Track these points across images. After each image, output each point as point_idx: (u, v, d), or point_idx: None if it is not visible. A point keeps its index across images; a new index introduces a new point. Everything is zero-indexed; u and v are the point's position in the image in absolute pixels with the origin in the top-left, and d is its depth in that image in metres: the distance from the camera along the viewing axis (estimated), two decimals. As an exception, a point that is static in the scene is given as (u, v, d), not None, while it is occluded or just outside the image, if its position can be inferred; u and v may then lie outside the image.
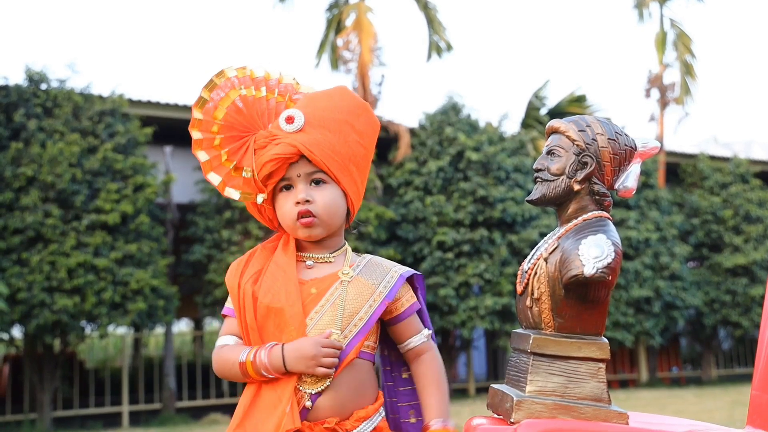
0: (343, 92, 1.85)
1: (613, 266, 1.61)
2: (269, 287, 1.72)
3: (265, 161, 1.73)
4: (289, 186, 1.77)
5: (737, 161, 14.91)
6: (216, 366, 1.76)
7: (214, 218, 10.82)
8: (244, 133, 1.77)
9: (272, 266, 1.76)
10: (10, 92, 9.83)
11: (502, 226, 11.93)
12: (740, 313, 13.69)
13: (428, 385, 1.80)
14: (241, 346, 1.73)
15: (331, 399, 1.69)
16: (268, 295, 1.71)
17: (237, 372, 1.71)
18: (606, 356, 1.69)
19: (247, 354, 1.69)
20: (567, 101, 14.40)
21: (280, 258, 1.77)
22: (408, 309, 1.81)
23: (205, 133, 1.78)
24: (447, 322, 11.52)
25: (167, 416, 10.41)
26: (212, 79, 1.78)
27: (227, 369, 1.73)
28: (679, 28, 15.12)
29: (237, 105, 1.76)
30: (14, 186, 9.34)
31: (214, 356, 1.77)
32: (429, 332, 1.85)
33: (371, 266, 1.81)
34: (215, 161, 1.79)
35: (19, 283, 8.99)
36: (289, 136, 1.74)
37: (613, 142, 1.76)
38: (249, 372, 1.69)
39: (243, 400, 1.73)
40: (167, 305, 10.03)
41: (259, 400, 1.70)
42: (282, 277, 1.73)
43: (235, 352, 1.72)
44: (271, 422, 1.65)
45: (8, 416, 10.38)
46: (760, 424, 1.85)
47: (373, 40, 12.51)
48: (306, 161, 1.75)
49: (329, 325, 1.71)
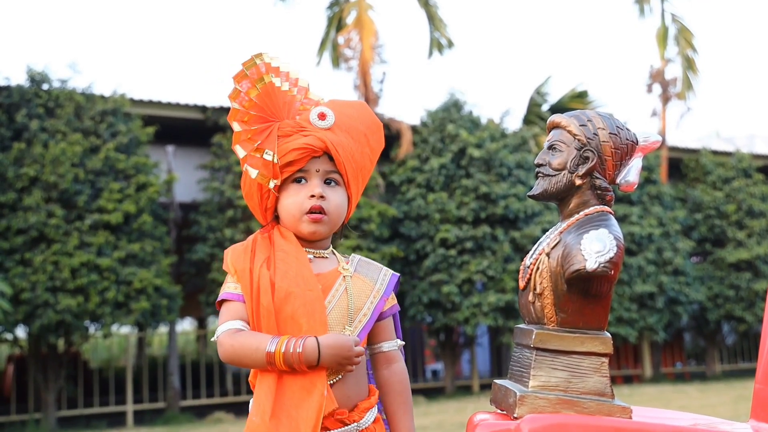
0: (364, 107, 1.92)
1: (615, 260, 1.61)
2: (285, 273, 1.70)
3: (293, 149, 1.75)
4: (302, 179, 1.79)
5: (740, 156, 14.88)
6: (228, 351, 1.66)
7: (216, 217, 10.83)
8: (270, 117, 1.78)
9: (280, 254, 1.74)
10: (12, 93, 9.84)
11: (505, 223, 11.93)
12: (744, 308, 13.67)
13: (401, 404, 1.81)
14: (262, 334, 1.66)
15: (340, 391, 1.71)
16: (285, 280, 1.68)
17: (259, 359, 1.63)
18: (609, 351, 1.69)
19: (278, 344, 1.62)
20: (569, 97, 14.38)
21: (286, 246, 1.76)
22: (389, 309, 1.84)
23: (241, 123, 1.78)
24: (450, 319, 11.53)
25: (171, 415, 10.43)
26: (243, 68, 1.79)
27: (245, 355, 1.64)
28: (680, 23, 15.09)
29: (267, 89, 1.78)
30: (17, 186, 9.35)
31: (224, 340, 1.67)
32: (401, 343, 1.87)
33: (364, 264, 1.84)
34: (243, 135, 1.78)
35: (23, 284, 9.00)
36: (320, 132, 1.78)
37: (615, 137, 1.76)
38: (276, 362, 1.61)
39: (264, 390, 1.64)
40: (171, 304, 10.04)
41: (286, 389, 1.64)
42: (295, 264, 1.72)
43: (259, 339, 1.64)
44: (309, 407, 1.62)
45: (13, 416, 10.40)
46: (763, 417, 1.85)
47: (374, 37, 12.50)
48: (327, 159, 1.79)
49: (341, 319, 1.72)
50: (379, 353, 1.83)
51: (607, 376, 1.68)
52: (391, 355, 1.83)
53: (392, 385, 1.81)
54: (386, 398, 1.81)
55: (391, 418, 1.81)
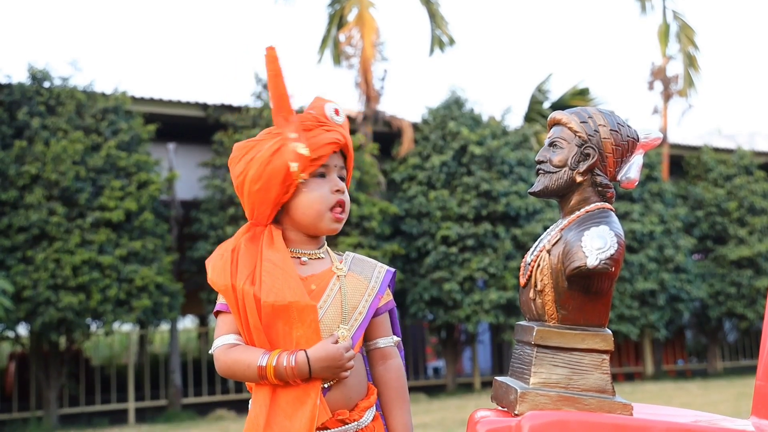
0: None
1: (616, 257, 1.61)
2: (271, 286, 1.65)
3: (326, 143, 1.75)
4: (323, 174, 1.78)
5: (741, 153, 14.87)
6: (223, 367, 1.68)
7: (218, 215, 10.82)
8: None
9: (267, 265, 1.68)
10: (13, 90, 9.84)
11: (506, 220, 11.93)
12: (745, 305, 13.66)
13: (396, 400, 1.80)
14: (254, 349, 1.66)
15: (339, 393, 1.71)
16: (271, 294, 1.64)
17: (251, 375, 1.64)
18: (610, 347, 1.69)
19: (268, 359, 1.62)
20: (570, 94, 14.38)
21: (272, 255, 1.71)
22: (385, 305, 1.83)
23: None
24: (452, 317, 11.53)
25: (173, 413, 10.44)
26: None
27: (238, 371, 1.65)
28: (681, 20, 15.07)
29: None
30: (18, 184, 9.35)
31: (219, 356, 1.68)
32: (397, 339, 1.86)
33: (357, 262, 1.83)
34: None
35: (25, 281, 9.01)
36: (339, 128, 1.78)
37: (616, 134, 1.76)
38: (268, 376, 1.62)
39: (259, 402, 1.65)
40: (172, 302, 10.05)
41: (279, 400, 1.65)
42: (281, 275, 1.67)
43: (250, 355, 1.64)
44: (301, 417, 1.61)
45: (15, 414, 10.41)
46: (765, 414, 1.85)
47: (375, 35, 12.49)
48: (340, 155, 1.81)
49: (335, 319, 1.71)
50: (375, 349, 1.82)
51: (608, 373, 1.68)
52: (386, 351, 1.82)
53: (388, 381, 1.80)
54: (382, 394, 1.81)
55: (387, 414, 1.80)
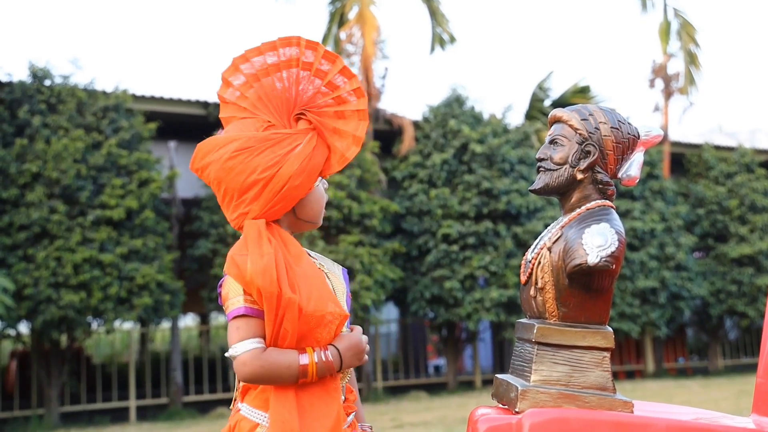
0: None
1: (616, 255, 1.60)
2: (309, 295, 1.64)
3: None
4: None
5: (742, 151, 14.85)
6: (258, 370, 1.62)
7: (218, 213, 10.82)
8: None
9: (299, 271, 1.67)
10: (14, 89, 9.84)
11: (507, 218, 11.92)
12: (746, 303, 13.65)
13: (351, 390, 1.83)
14: (286, 350, 1.64)
15: (347, 387, 1.78)
16: (311, 303, 1.63)
17: (290, 375, 1.62)
18: (610, 345, 1.69)
19: (308, 357, 1.63)
20: (571, 92, 14.36)
21: (302, 261, 1.70)
22: (348, 302, 1.86)
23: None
24: (453, 315, 11.53)
25: (174, 411, 10.45)
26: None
27: (275, 372, 1.62)
28: (682, 18, 15.05)
29: None
30: (19, 182, 9.36)
31: (250, 360, 1.62)
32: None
33: (324, 260, 1.84)
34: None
35: (26, 279, 9.01)
36: None
37: (616, 131, 1.75)
38: (310, 373, 1.63)
39: (286, 407, 1.63)
40: (173, 300, 10.05)
41: (305, 402, 1.65)
42: (318, 284, 1.67)
43: (287, 356, 1.63)
44: (329, 415, 1.64)
45: (16, 412, 10.42)
46: (765, 411, 1.85)
47: (376, 32, 12.48)
48: None
49: None
50: None
51: (608, 370, 1.68)
52: None
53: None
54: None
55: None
